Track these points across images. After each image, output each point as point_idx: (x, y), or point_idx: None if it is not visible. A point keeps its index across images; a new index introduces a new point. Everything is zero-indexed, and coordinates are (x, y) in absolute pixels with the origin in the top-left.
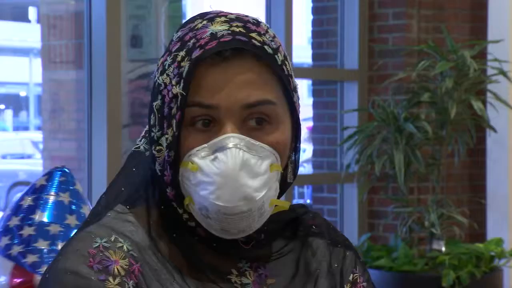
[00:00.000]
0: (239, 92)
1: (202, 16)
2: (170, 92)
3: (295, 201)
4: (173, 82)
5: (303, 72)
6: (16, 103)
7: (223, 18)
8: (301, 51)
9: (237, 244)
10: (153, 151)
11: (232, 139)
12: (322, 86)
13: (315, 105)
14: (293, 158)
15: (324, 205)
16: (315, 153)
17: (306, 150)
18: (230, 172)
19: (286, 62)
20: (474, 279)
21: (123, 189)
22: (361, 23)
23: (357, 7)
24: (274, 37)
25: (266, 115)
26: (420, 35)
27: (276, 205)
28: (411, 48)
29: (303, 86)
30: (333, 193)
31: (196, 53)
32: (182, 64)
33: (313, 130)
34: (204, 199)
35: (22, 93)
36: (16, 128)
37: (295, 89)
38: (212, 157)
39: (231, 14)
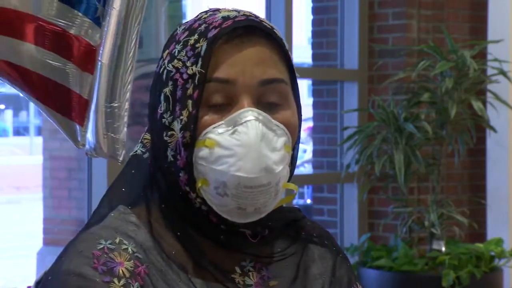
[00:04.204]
0: (255, 68)
1: (204, 12)
2: (184, 74)
3: (294, 202)
4: (188, 63)
5: (303, 72)
6: (16, 103)
7: (228, 9)
8: (301, 51)
9: (244, 237)
10: (165, 138)
11: (251, 113)
12: (322, 86)
13: (315, 105)
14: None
15: (324, 205)
16: (315, 153)
17: (306, 150)
18: (252, 142)
19: (290, 54)
20: (474, 279)
21: (123, 189)
22: (361, 23)
23: (357, 7)
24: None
25: (280, 94)
26: (420, 35)
27: (282, 198)
28: (411, 48)
29: (303, 86)
30: (333, 193)
31: (212, 33)
32: (197, 45)
33: (313, 130)
34: (223, 174)
35: None
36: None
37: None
38: (231, 131)
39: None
